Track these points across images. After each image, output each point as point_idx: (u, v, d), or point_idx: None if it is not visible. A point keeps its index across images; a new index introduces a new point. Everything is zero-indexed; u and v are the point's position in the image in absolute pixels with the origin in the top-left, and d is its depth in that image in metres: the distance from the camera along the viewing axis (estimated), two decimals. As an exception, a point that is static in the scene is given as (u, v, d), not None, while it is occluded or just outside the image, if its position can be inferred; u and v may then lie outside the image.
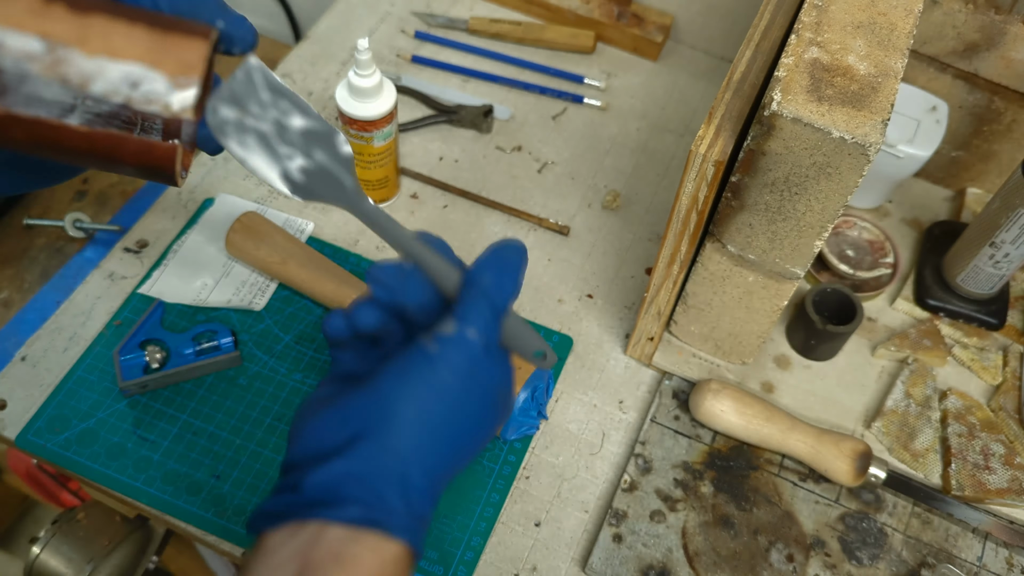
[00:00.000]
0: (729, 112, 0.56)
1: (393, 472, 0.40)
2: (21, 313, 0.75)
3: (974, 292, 0.77)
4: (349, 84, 0.73)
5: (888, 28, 0.53)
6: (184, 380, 0.71)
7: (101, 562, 0.83)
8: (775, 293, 0.64)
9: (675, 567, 0.65)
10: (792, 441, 0.68)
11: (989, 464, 0.70)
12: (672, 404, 0.73)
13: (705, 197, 0.57)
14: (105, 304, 0.76)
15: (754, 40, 0.60)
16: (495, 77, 0.94)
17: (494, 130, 0.91)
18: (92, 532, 0.85)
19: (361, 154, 0.77)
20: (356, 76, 0.72)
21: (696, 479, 0.69)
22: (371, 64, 0.71)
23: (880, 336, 0.78)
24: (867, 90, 0.51)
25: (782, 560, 0.66)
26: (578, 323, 0.78)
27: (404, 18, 0.99)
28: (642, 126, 0.92)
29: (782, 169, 0.53)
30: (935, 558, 0.67)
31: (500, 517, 0.67)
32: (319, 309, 0.76)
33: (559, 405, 0.73)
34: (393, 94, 0.74)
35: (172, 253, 0.78)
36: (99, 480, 0.67)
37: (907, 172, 0.79)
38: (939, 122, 0.78)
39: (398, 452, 0.41)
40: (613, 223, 0.85)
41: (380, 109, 0.73)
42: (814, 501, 0.69)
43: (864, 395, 0.74)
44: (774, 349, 0.76)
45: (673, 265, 0.64)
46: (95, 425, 0.69)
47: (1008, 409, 0.73)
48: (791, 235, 0.58)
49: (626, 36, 0.97)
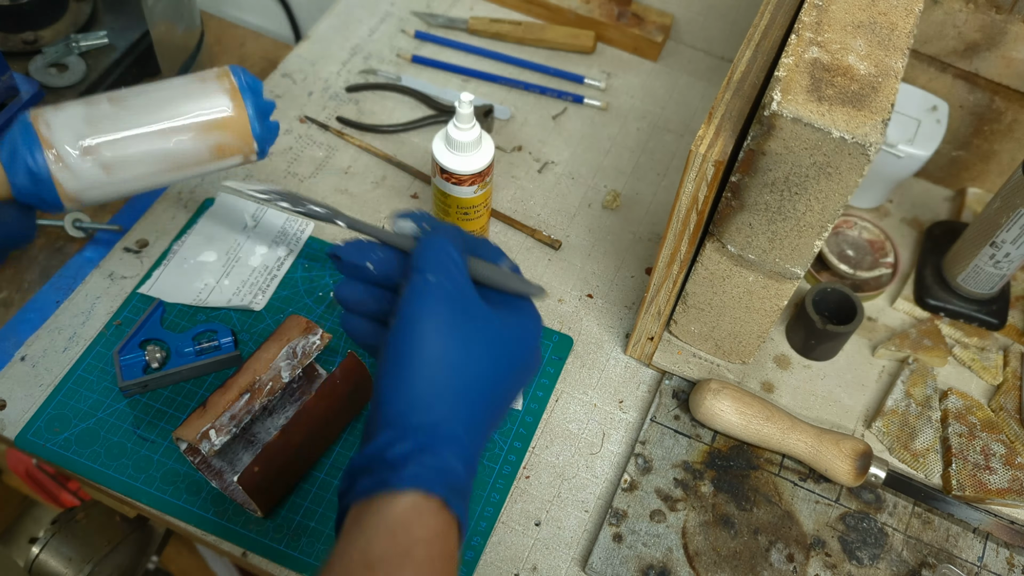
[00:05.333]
0: (729, 112, 0.56)
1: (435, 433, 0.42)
2: (21, 313, 0.75)
3: (974, 292, 0.77)
4: (447, 136, 0.70)
5: (888, 28, 0.53)
6: (184, 380, 0.71)
7: (101, 562, 0.83)
8: (775, 293, 0.64)
9: (675, 567, 0.65)
10: (792, 441, 0.68)
11: (990, 464, 0.70)
12: (672, 404, 0.73)
13: (705, 197, 0.57)
14: (105, 304, 0.76)
15: (754, 40, 0.60)
16: (495, 77, 0.94)
17: (494, 130, 0.91)
18: (92, 532, 0.85)
19: (454, 206, 0.75)
20: (455, 129, 0.69)
21: (696, 479, 0.69)
22: (471, 119, 0.69)
23: (880, 336, 0.78)
24: (867, 90, 0.51)
25: (782, 560, 0.66)
26: (578, 323, 0.78)
27: (404, 18, 0.99)
28: (642, 126, 0.92)
29: (782, 169, 0.53)
30: (935, 558, 0.67)
31: (500, 517, 0.67)
32: (319, 309, 0.76)
33: (559, 405, 0.73)
34: (491, 149, 0.72)
35: (172, 253, 0.78)
36: (99, 480, 0.67)
37: (907, 172, 0.79)
38: (939, 122, 0.78)
39: (429, 411, 0.42)
40: (613, 223, 0.85)
41: (477, 164, 0.71)
42: (814, 501, 0.69)
43: (864, 395, 0.74)
44: (774, 349, 0.76)
45: (673, 265, 0.64)
46: (95, 425, 0.69)
47: (1008, 409, 0.73)
48: (791, 235, 0.58)
49: (626, 36, 0.97)
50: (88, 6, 0.97)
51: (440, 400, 0.42)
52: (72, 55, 0.89)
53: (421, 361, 0.42)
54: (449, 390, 0.42)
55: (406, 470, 0.40)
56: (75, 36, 0.92)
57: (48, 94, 0.95)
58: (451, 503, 0.40)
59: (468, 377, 0.43)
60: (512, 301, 0.48)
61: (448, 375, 0.43)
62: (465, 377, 0.43)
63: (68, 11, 0.96)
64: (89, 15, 0.96)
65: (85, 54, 0.91)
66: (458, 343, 0.43)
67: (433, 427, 0.41)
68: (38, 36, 0.93)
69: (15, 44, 0.93)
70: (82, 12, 0.96)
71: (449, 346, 0.43)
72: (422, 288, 0.44)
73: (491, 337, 0.44)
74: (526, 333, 0.47)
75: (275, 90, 0.91)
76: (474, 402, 0.43)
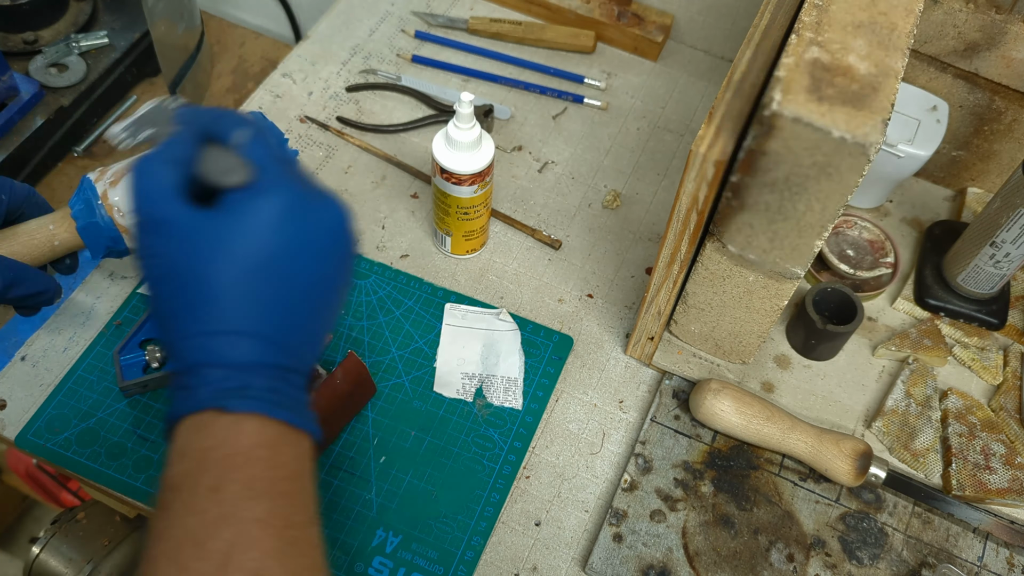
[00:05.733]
0: (729, 112, 0.56)
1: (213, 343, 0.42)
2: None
3: (975, 292, 0.77)
4: (447, 136, 0.70)
5: (888, 28, 0.53)
6: (184, 380, 0.71)
7: (101, 562, 0.83)
8: (775, 293, 0.64)
9: (675, 567, 0.65)
10: (792, 441, 0.68)
11: (990, 464, 0.70)
12: (672, 404, 0.73)
13: (705, 197, 0.57)
14: (105, 304, 0.76)
15: (754, 40, 0.60)
16: (495, 77, 0.94)
17: (494, 130, 0.91)
18: (92, 532, 0.85)
19: (454, 206, 0.74)
20: (455, 129, 0.69)
21: (696, 479, 0.69)
22: (471, 118, 0.69)
23: (880, 336, 0.78)
24: (867, 90, 0.51)
25: (782, 560, 0.66)
26: (578, 323, 0.78)
27: (404, 18, 0.99)
28: (642, 126, 0.92)
29: (782, 169, 0.53)
30: (936, 558, 0.67)
31: (500, 517, 0.67)
32: (319, 309, 0.76)
33: (559, 405, 0.73)
34: (491, 149, 0.72)
35: (172, 253, 0.78)
36: (99, 480, 0.67)
37: (907, 172, 0.79)
38: (939, 122, 0.78)
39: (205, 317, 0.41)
40: (613, 223, 0.85)
41: (477, 164, 0.71)
42: (814, 501, 0.69)
43: (864, 395, 0.74)
44: (774, 349, 0.76)
45: (673, 265, 0.64)
46: (95, 425, 0.69)
47: (1008, 409, 0.73)
48: (791, 235, 0.58)
49: (626, 36, 0.97)
50: (88, 6, 0.97)
51: (193, 323, 0.41)
52: (72, 55, 0.89)
53: (157, 292, 0.42)
54: (200, 312, 0.41)
55: (175, 397, 0.42)
56: (75, 36, 0.92)
57: (48, 94, 0.96)
58: (226, 405, 0.40)
59: (217, 293, 0.41)
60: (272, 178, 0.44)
61: (194, 296, 0.41)
62: (214, 293, 0.41)
63: (68, 11, 0.96)
64: (89, 15, 0.96)
65: (85, 54, 0.91)
66: (188, 266, 0.42)
67: (192, 345, 0.41)
68: (38, 36, 0.94)
69: (15, 44, 0.93)
70: (82, 12, 0.96)
71: (178, 267, 0.42)
72: (136, 229, 0.43)
73: (222, 246, 0.42)
74: (270, 220, 0.42)
75: (275, 90, 0.91)
76: (242, 312, 0.42)
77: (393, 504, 0.67)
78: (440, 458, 0.69)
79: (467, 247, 0.79)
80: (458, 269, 0.80)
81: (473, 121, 0.69)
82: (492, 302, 0.78)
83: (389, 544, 0.66)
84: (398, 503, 0.67)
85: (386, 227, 0.82)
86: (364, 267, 0.79)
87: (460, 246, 0.79)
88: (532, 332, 0.76)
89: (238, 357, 0.41)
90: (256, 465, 0.40)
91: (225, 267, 0.41)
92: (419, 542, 0.66)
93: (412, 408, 0.72)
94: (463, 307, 0.77)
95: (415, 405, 0.72)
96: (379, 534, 0.66)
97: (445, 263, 0.80)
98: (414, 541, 0.66)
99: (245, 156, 0.43)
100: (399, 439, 0.70)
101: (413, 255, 0.81)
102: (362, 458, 0.69)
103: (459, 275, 0.80)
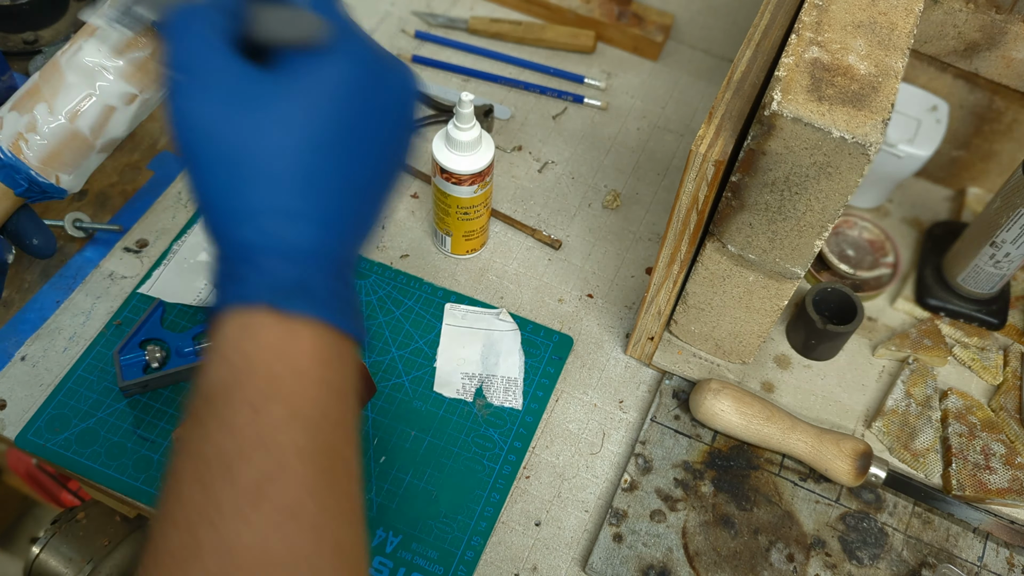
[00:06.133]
0: (729, 112, 0.56)
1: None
2: (21, 313, 0.75)
3: (975, 292, 0.77)
4: (447, 136, 0.70)
5: (888, 28, 0.53)
6: (185, 380, 0.71)
7: (101, 562, 0.83)
8: (775, 293, 0.64)
9: (675, 567, 0.65)
10: (792, 441, 0.68)
11: (990, 464, 0.70)
12: (672, 404, 0.73)
13: (705, 197, 0.57)
14: (105, 304, 0.76)
15: (754, 40, 0.60)
16: (495, 77, 0.94)
17: (494, 130, 0.91)
18: (92, 532, 0.85)
19: (454, 206, 0.74)
20: (455, 129, 0.69)
21: (696, 479, 0.69)
22: (471, 118, 0.69)
23: (880, 336, 0.78)
24: (867, 90, 0.51)
25: (782, 560, 0.66)
26: (578, 323, 0.78)
27: (404, 18, 0.99)
28: (642, 126, 0.92)
29: (782, 169, 0.53)
30: (936, 558, 0.67)
31: (500, 517, 0.67)
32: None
33: (559, 405, 0.73)
34: (491, 149, 0.72)
35: (172, 253, 0.78)
36: (99, 480, 0.67)
37: (907, 172, 0.79)
38: (939, 122, 0.78)
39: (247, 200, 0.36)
40: (613, 223, 0.85)
41: (477, 164, 0.71)
42: (814, 501, 0.69)
43: (864, 395, 0.74)
44: (774, 349, 0.76)
45: (673, 265, 0.64)
46: (95, 425, 0.69)
47: (1009, 409, 0.73)
48: (791, 235, 0.58)
49: (626, 36, 0.97)
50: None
51: (244, 200, 0.36)
52: (72, 55, 0.89)
53: (200, 165, 0.36)
54: (253, 187, 0.36)
55: (221, 288, 0.36)
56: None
57: (48, 94, 0.95)
58: (283, 305, 0.35)
59: (275, 166, 0.36)
60: (333, 47, 0.38)
61: (247, 170, 0.36)
62: (272, 166, 0.36)
63: (68, 11, 0.96)
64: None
65: (85, 54, 0.90)
66: (240, 134, 0.36)
67: (242, 225, 0.36)
68: (38, 36, 0.93)
69: (15, 44, 0.93)
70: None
71: (228, 132, 0.36)
72: (175, 90, 0.36)
73: (284, 113, 0.36)
74: (342, 87, 0.37)
75: (275, 90, 0.91)
76: (303, 189, 0.36)
77: (393, 504, 0.67)
78: (440, 458, 0.69)
79: (467, 247, 0.79)
80: (458, 269, 0.80)
81: (473, 121, 0.69)
82: (492, 302, 0.78)
83: (389, 544, 0.66)
84: (398, 503, 0.67)
85: (386, 227, 0.82)
86: (364, 267, 0.79)
87: (460, 246, 0.79)
88: (532, 332, 0.76)
89: (296, 241, 0.36)
90: (305, 384, 0.35)
91: (285, 136, 0.36)
92: (419, 542, 0.66)
93: (412, 408, 0.72)
94: (463, 307, 0.77)
95: (415, 405, 0.72)
96: (379, 534, 0.66)
97: (445, 263, 0.80)
98: (414, 541, 0.66)
99: (309, 9, 0.37)
100: (399, 439, 0.70)
101: (413, 255, 0.81)
102: (362, 458, 0.69)
103: (459, 275, 0.80)
